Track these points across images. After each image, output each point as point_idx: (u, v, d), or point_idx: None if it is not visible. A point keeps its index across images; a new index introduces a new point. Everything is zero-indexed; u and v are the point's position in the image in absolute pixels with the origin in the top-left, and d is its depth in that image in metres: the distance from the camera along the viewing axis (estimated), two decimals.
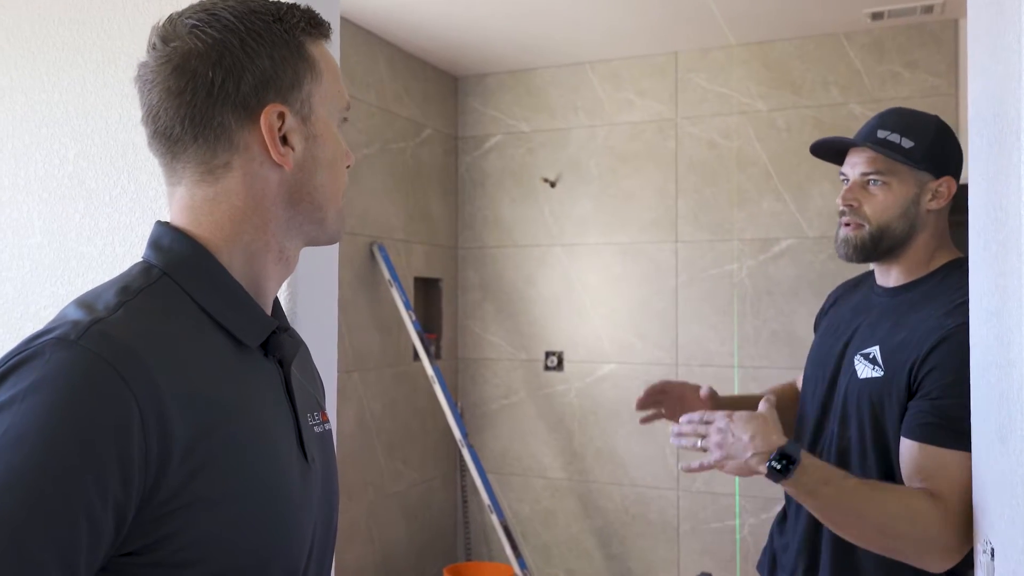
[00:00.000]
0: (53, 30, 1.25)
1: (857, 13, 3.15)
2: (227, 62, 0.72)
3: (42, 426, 0.59)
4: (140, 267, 0.75)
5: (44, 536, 0.58)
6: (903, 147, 1.37)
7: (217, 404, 0.69)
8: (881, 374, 1.35)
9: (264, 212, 0.76)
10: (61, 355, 0.62)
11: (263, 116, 0.74)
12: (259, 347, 0.77)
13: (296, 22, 0.76)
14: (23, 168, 1.27)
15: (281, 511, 0.73)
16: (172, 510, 0.64)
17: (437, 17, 3.23)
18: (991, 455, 0.94)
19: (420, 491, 3.72)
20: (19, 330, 1.27)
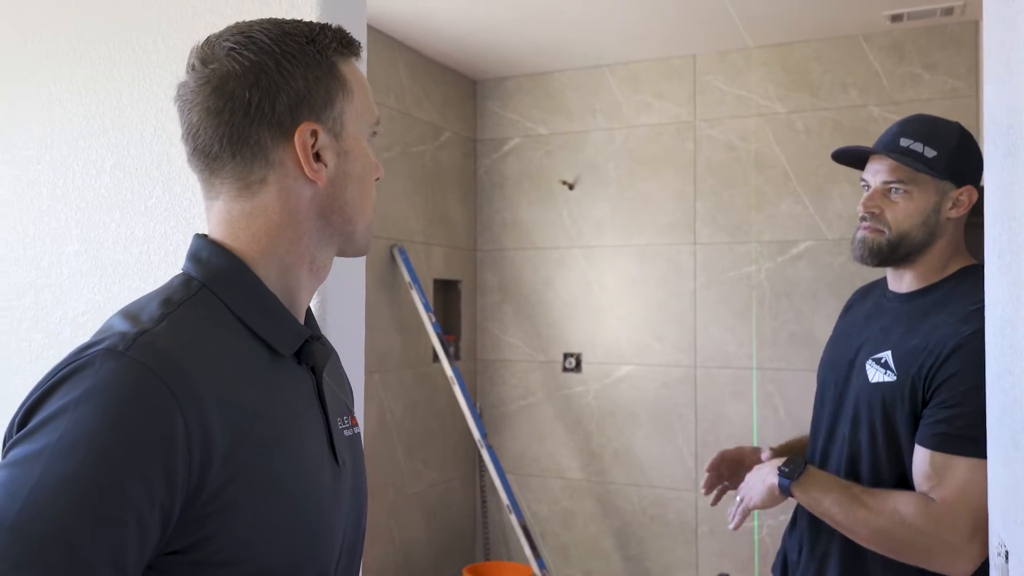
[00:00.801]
0: (90, 46, 1.29)
1: (876, 15, 3.15)
2: (263, 83, 0.76)
3: (93, 434, 0.63)
4: (181, 279, 0.79)
5: (95, 538, 0.61)
6: (926, 156, 1.37)
7: (253, 412, 0.72)
8: (894, 378, 1.36)
9: (298, 225, 0.79)
10: (110, 366, 0.65)
11: (297, 134, 0.77)
12: (292, 355, 0.81)
13: (328, 43, 0.79)
14: (61, 179, 1.32)
15: (313, 514, 0.76)
16: (212, 512, 0.67)
17: (456, 22, 3.26)
18: (1005, 460, 0.96)
19: (440, 491, 3.75)
20: (57, 335, 1.32)
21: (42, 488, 0.61)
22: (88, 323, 1.28)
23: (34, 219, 1.34)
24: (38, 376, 1.33)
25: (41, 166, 1.34)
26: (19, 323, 1.35)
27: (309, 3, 1.12)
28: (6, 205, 1.37)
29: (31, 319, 1.34)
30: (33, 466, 0.62)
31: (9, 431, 0.68)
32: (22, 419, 0.67)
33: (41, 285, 1.33)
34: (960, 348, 1.28)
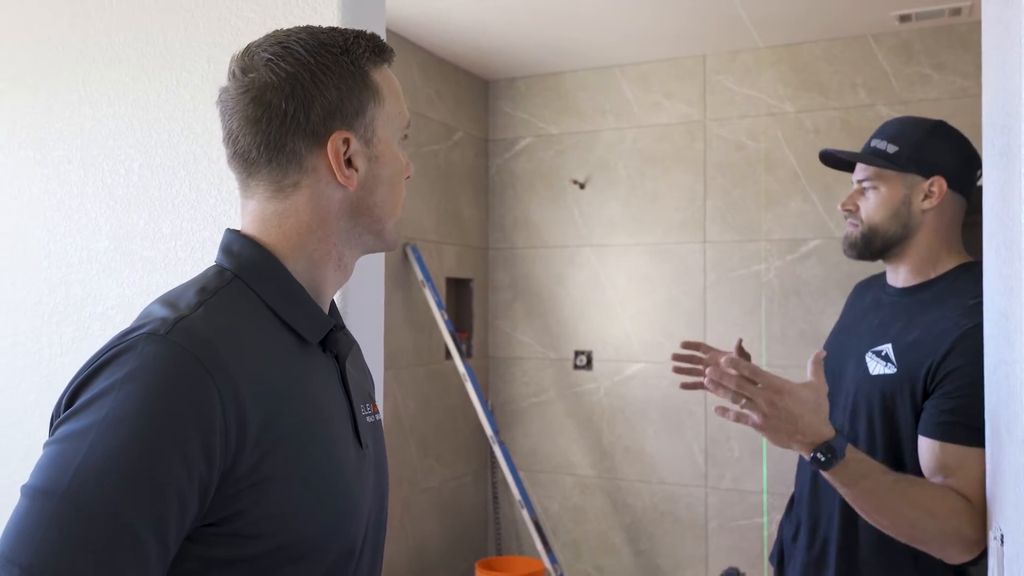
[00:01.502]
0: (120, 51, 1.34)
1: (885, 15, 3.17)
2: (299, 94, 0.80)
3: (137, 411, 0.67)
4: (214, 270, 0.83)
5: (140, 508, 0.66)
6: (887, 153, 1.46)
7: (284, 393, 0.76)
8: (894, 371, 1.40)
9: (327, 226, 0.84)
10: (152, 348, 0.70)
11: (330, 142, 0.81)
12: (318, 344, 0.85)
13: (362, 52, 0.83)
14: (91, 177, 1.37)
15: (340, 492, 0.80)
16: (246, 488, 0.72)
17: (468, 23, 3.31)
18: (1001, 447, 0.99)
19: (452, 487, 3.80)
20: (87, 329, 1.37)
21: (90, 461, 0.65)
22: (117, 317, 1.33)
23: (64, 217, 1.39)
24: (69, 368, 1.39)
25: (71, 165, 1.39)
26: (50, 317, 1.41)
27: (331, 8, 1.16)
28: (37, 203, 1.42)
29: (61, 313, 1.40)
30: (81, 441, 0.66)
31: (56, 411, 0.73)
32: (68, 399, 0.71)
33: (72, 280, 1.38)
34: (963, 340, 1.31)
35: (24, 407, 1.42)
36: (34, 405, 1.42)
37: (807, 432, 1.23)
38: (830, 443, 1.24)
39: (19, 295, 1.43)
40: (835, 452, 1.24)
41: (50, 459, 0.67)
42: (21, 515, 0.66)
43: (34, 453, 1.41)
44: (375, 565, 0.92)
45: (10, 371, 1.45)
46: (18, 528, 0.65)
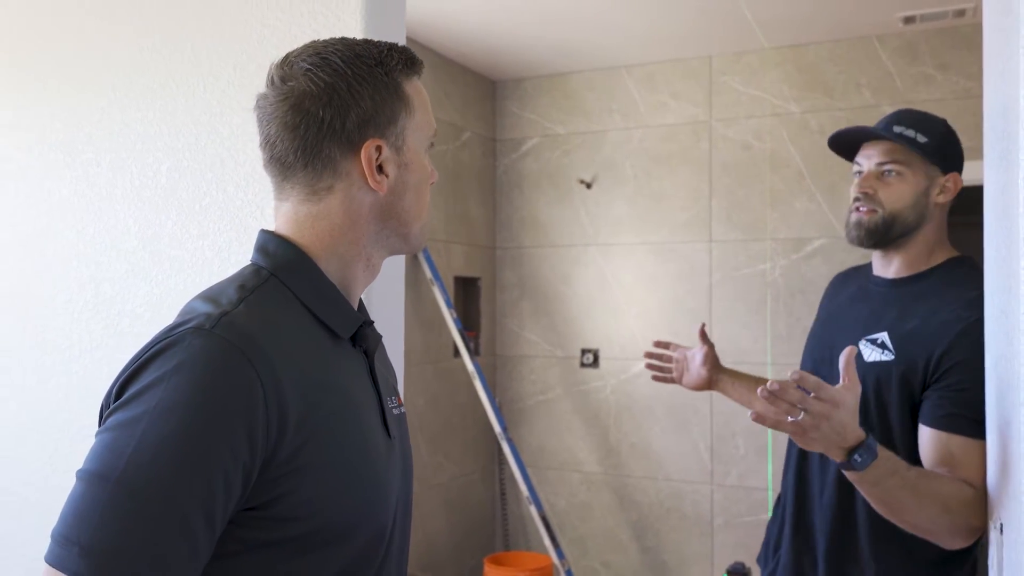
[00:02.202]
0: (148, 56, 1.38)
1: (889, 16, 3.21)
2: (336, 103, 0.84)
3: (187, 401, 0.71)
4: (251, 269, 0.88)
5: (190, 491, 0.70)
6: (918, 141, 1.47)
7: (320, 384, 0.81)
8: (891, 358, 1.44)
9: (358, 228, 0.88)
10: (199, 342, 0.74)
11: (363, 149, 0.85)
12: (348, 339, 0.89)
13: (395, 65, 0.88)
14: (120, 179, 1.41)
15: (371, 478, 0.84)
16: (285, 473, 0.76)
17: (476, 24, 3.35)
18: (1000, 438, 1.03)
19: (460, 484, 3.85)
20: (116, 326, 1.41)
21: (143, 448, 0.70)
22: (146, 314, 1.38)
23: (94, 217, 1.44)
24: (98, 364, 1.43)
25: (100, 168, 1.43)
26: (80, 314, 1.45)
27: (354, 16, 1.21)
28: (67, 204, 1.47)
29: (91, 311, 1.44)
30: (134, 429, 0.70)
31: (106, 402, 0.77)
32: (118, 391, 0.75)
33: (101, 279, 1.42)
34: (967, 334, 1.35)
35: (55, 401, 1.47)
36: (64, 400, 1.47)
37: (849, 438, 1.20)
38: (866, 443, 1.21)
39: (49, 293, 1.48)
40: (872, 452, 1.22)
41: (104, 446, 0.72)
42: (78, 498, 0.70)
43: (64, 446, 1.46)
44: (403, 549, 0.96)
45: (40, 366, 1.49)
46: (76, 510, 0.70)
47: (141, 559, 0.68)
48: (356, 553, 0.84)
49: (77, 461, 1.43)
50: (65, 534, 0.69)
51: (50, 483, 1.48)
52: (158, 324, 1.37)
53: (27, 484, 1.50)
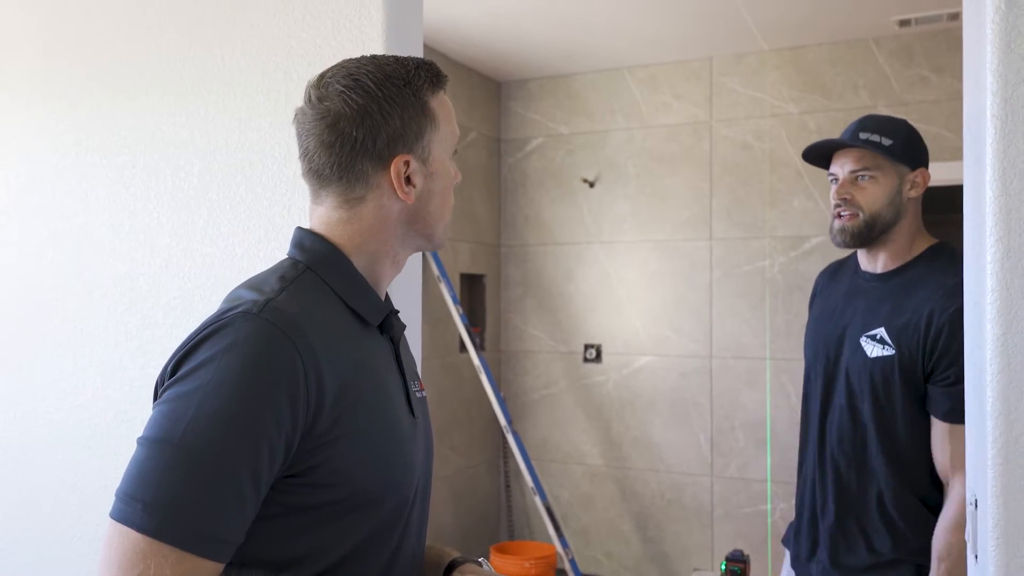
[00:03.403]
0: (180, 66, 1.47)
1: (886, 19, 3.29)
2: (368, 124, 0.93)
3: (237, 378, 0.80)
4: (289, 262, 0.96)
5: (240, 456, 0.79)
6: (884, 145, 1.58)
7: (353, 365, 0.89)
8: (893, 352, 1.54)
9: (386, 231, 0.97)
10: (248, 324, 0.82)
11: (393, 164, 0.94)
12: (376, 326, 0.98)
13: (421, 83, 0.96)
14: (155, 181, 1.50)
15: (397, 452, 0.93)
16: (323, 444, 0.85)
17: (482, 27, 3.43)
18: (975, 420, 1.12)
19: (466, 476, 3.94)
20: (151, 318, 1.50)
21: (200, 417, 0.78)
22: (179, 307, 1.46)
23: (128, 216, 1.53)
24: (133, 355, 1.53)
25: (135, 170, 1.52)
26: (115, 307, 1.54)
27: (376, 29, 1.29)
28: (103, 204, 1.56)
29: (127, 304, 1.53)
30: (191, 400, 0.79)
31: (161, 379, 0.86)
32: (173, 368, 0.84)
33: (136, 274, 1.51)
34: (949, 325, 1.45)
35: (93, 390, 1.56)
36: (101, 388, 1.56)
37: None
38: None
39: (86, 287, 1.57)
40: None
41: (163, 415, 0.80)
42: (141, 460, 0.79)
43: (100, 432, 1.55)
44: (423, 522, 1.05)
45: (77, 357, 1.58)
46: (139, 471, 0.78)
47: (197, 514, 0.77)
48: (381, 520, 0.92)
49: (113, 444, 1.53)
50: (129, 492, 0.77)
51: (88, 465, 1.57)
52: (190, 316, 1.46)
53: (66, 466, 1.59)
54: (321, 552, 0.87)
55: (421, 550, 1.05)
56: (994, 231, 0.95)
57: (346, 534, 0.89)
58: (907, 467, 1.57)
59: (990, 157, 0.95)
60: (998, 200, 0.95)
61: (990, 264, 0.96)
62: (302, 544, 0.86)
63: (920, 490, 1.57)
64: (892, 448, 1.57)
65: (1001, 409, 0.96)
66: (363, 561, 0.91)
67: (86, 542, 1.57)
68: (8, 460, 1.67)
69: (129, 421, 1.53)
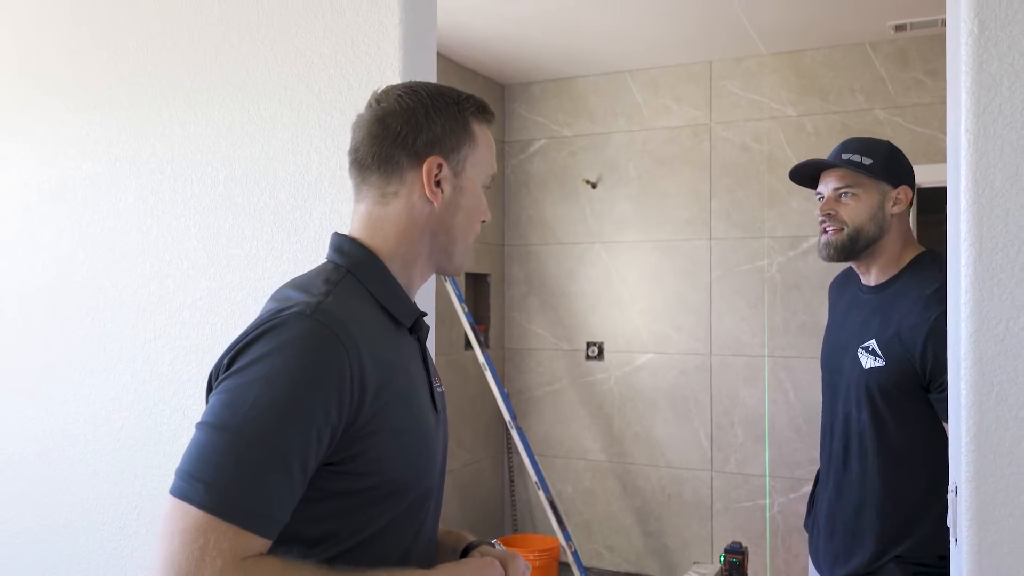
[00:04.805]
0: (205, 77, 1.55)
1: (882, 24, 3.36)
2: (412, 122, 1.01)
3: (291, 371, 0.87)
4: (331, 266, 1.02)
5: (292, 443, 0.86)
6: (864, 164, 1.67)
7: (390, 363, 0.97)
8: (884, 363, 1.62)
9: (416, 234, 1.04)
10: (301, 324, 0.89)
11: (426, 162, 1.01)
12: (408, 327, 1.06)
13: (469, 108, 1.04)
14: (181, 186, 1.58)
15: (425, 443, 1.01)
16: (362, 435, 0.92)
17: (487, 32, 3.51)
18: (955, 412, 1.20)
19: (472, 470, 4.02)
20: (178, 317, 1.59)
21: (256, 406, 0.86)
22: (205, 307, 1.55)
23: (156, 220, 1.61)
24: (161, 352, 1.61)
25: (163, 176, 1.60)
26: (144, 306, 1.62)
27: (392, 44, 1.38)
28: (132, 209, 1.64)
29: (155, 304, 1.61)
30: (248, 391, 0.87)
31: (215, 371, 0.94)
32: (230, 361, 0.91)
33: (164, 275, 1.59)
34: (932, 335, 1.53)
35: (122, 384, 1.64)
36: (129, 382, 1.64)
37: None
38: None
39: (116, 288, 1.65)
40: None
41: (222, 404, 0.88)
42: (200, 444, 0.86)
43: (129, 426, 1.64)
44: (438, 509, 1.13)
45: (107, 353, 1.66)
46: (199, 453, 0.86)
47: (252, 494, 0.84)
48: (407, 506, 1.00)
49: (142, 436, 1.61)
50: (190, 472, 0.85)
51: (118, 456, 1.65)
52: (216, 315, 1.54)
53: (97, 457, 1.68)
54: (350, 532, 0.95)
55: (435, 533, 1.12)
56: (967, 236, 1.03)
57: (374, 518, 0.97)
58: (904, 476, 1.64)
59: (964, 168, 1.03)
60: (971, 208, 1.03)
61: (964, 267, 1.04)
62: (334, 524, 0.94)
63: (916, 497, 1.63)
64: (890, 457, 1.64)
65: (974, 401, 1.04)
66: (387, 541, 0.99)
67: (115, 528, 1.66)
68: (41, 451, 1.75)
69: (157, 414, 1.61)
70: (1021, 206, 1.00)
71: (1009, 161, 1.01)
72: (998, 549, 1.03)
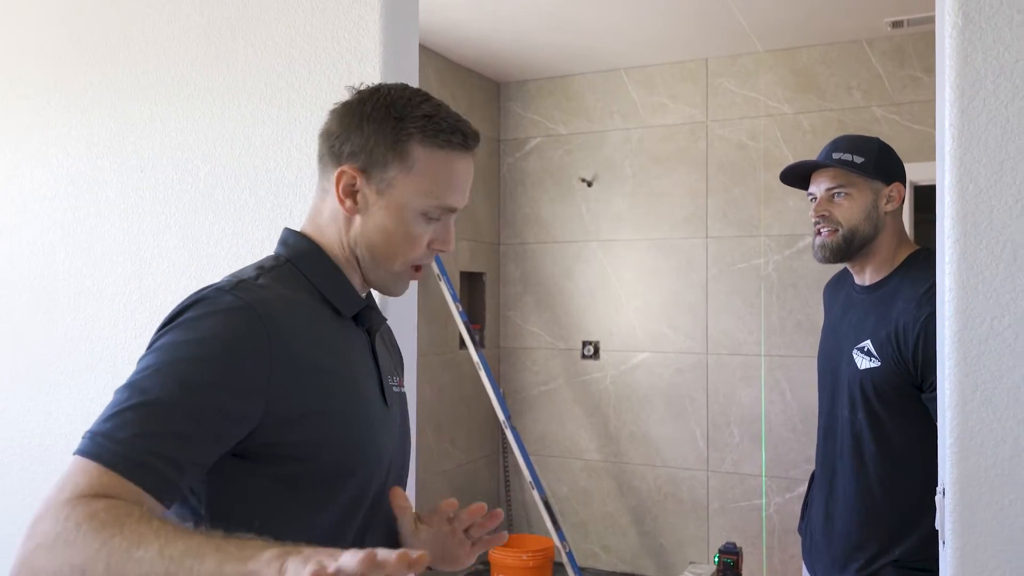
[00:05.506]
0: (187, 74, 1.54)
1: (878, 21, 3.34)
2: (344, 126, 1.01)
3: (211, 336, 0.88)
4: (272, 257, 1.05)
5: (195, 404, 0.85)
6: (856, 163, 1.65)
7: (322, 346, 0.96)
8: (879, 364, 1.60)
9: (340, 237, 1.03)
10: (220, 297, 0.91)
11: (341, 168, 1.01)
12: (352, 318, 1.05)
13: (413, 127, 0.99)
14: (162, 184, 1.57)
15: (363, 432, 0.99)
16: (294, 417, 0.91)
17: (482, 30, 3.49)
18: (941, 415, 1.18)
19: (466, 470, 4.01)
20: (159, 315, 1.57)
21: (161, 370, 0.86)
22: None
23: (138, 218, 1.59)
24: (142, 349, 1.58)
25: (144, 174, 1.59)
26: (125, 305, 1.61)
27: (374, 41, 1.36)
28: (113, 206, 1.62)
29: (136, 302, 1.60)
30: (160, 356, 0.88)
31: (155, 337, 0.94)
32: (159, 329, 0.93)
33: (144, 274, 1.58)
34: (923, 335, 1.51)
35: (103, 384, 1.63)
36: (110, 382, 1.62)
37: None
38: None
39: (97, 287, 1.64)
40: None
41: (133, 372, 0.89)
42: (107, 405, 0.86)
43: None
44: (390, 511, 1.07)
45: (89, 352, 1.65)
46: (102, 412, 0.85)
47: (132, 444, 0.82)
48: (355, 490, 0.98)
49: None
50: (89, 428, 0.84)
51: None
52: None
53: None
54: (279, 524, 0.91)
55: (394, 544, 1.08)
56: (951, 233, 1.01)
57: (316, 508, 0.95)
58: (901, 478, 1.62)
59: (948, 164, 1.01)
60: (955, 205, 1.01)
61: (948, 265, 1.02)
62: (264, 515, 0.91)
63: (913, 500, 1.60)
64: (887, 460, 1.62)
65: (958, 401, 1.02)
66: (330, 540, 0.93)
67: None
68: (24, 451, 1.74)
69: None
70: (1006, 203, 0.98)
71: (994, 157, 0.99)
72: (983, 552, 1.01)
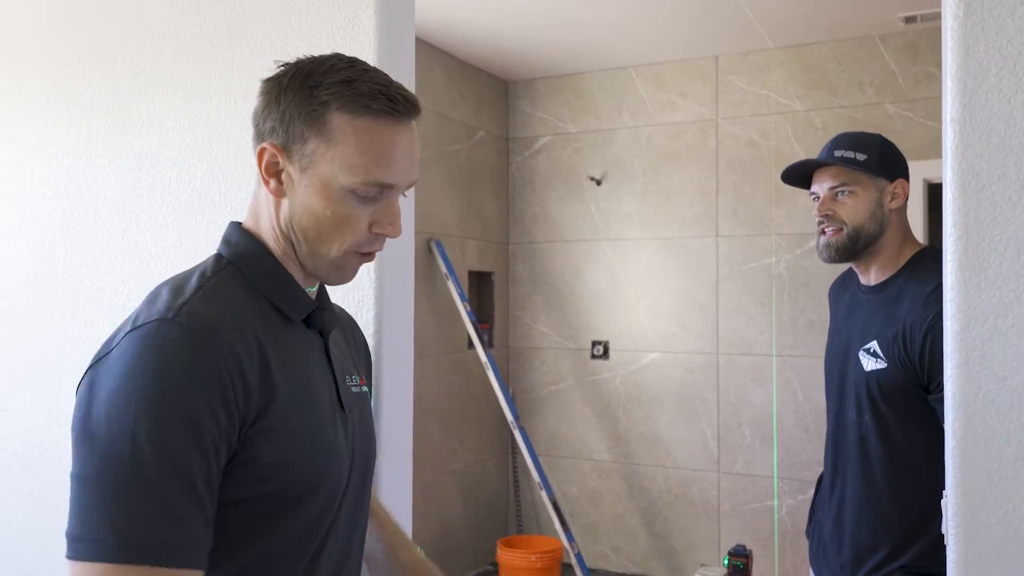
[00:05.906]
0: (183, 73, 1.53)
1: (891, 16, 3.30)
2: (266, 100, 0.94)
3: (160, 383, 0.79)
4: (214, 257, 0.96)
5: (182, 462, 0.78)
6: (858, 160, 1.61)
7: (273, 359, 0.89)
8: (885, 365, 1.57)
9: (271, 221, 0.95)
10: (164, 330, 0.82)
11: (262, 146, 0.93)
12: (302, 321, 0.97)
13: (330, 96, 0.90)
14: (159, 183, 1.57)
15: (321, 445, 0.92)
16: (251, 436, 0.85)
17: (489, 27, 3.48)
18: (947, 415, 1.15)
19: (475, 471, 3.99)
20: None
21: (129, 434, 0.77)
22: None
23: (135, 217, 1.59)
24: None
25: (141, 172, 1.58)
26: (123, 305, 1.61)
27: (368, 37, 1.35)
28: (111, 205, 1.62)
29: (135, 302, 1.59)
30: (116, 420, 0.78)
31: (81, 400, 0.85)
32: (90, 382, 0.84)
33: (142, 272, 1.57)
34: (929, 335, 1.48)
35: None
36: None
37: None
38: None
39: (96, 286, 1.64)
40: None
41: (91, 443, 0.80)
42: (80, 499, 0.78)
43: None
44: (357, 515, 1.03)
45: (88, 353, 1.65)
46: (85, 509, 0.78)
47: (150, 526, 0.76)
48: (317, 509, 0.93)
49: None
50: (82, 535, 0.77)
51: None
52: None
53: None
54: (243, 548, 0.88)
55: (354, 546, 1.03)
56: (953, 230, 0.99)
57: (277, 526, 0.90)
58: (910, 481, 1.59)
59: (949, 159, 0.99)
60: (956, 201, 0.98)
61: (950, 263, 0.99)
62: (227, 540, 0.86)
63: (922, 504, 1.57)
64: (895, 460, 1.59)
65: (961, 402, 0.99)
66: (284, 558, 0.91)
67: None
68: (24, 452, 1.74)
69: None
70: (1009, 199, 0.96)
71: (997, 152, 0.96)
72: (987, 557, 0.98)
